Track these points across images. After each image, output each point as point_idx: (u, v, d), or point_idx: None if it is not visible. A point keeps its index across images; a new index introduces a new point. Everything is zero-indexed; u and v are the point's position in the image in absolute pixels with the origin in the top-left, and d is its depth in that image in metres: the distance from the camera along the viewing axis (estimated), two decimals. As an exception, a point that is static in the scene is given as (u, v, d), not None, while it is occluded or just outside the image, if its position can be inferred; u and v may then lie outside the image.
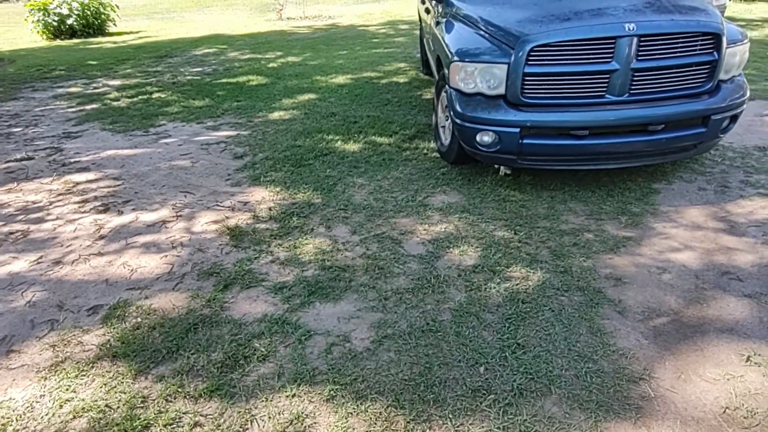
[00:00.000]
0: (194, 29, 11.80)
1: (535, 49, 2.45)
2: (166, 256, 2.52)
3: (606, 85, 2.50)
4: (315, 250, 2.49)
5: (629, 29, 2.37)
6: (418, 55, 7.04)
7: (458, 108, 2.77)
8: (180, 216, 2.90)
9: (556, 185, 3.00)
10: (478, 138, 2.74)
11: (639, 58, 2.43)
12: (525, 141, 2.61)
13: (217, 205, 3.00)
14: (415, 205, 2.86)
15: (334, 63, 6.96)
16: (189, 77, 6.62)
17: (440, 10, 3.47)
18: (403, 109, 4.71)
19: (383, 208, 2.84)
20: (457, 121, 2.80)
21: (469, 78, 2.70)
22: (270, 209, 2.91)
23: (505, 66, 2.55)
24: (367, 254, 2.43)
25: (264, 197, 3.07)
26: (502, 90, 2.62)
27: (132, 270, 2.42)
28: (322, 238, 2.58)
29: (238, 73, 6.60)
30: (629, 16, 2.44)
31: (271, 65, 7.05)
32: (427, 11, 4.15)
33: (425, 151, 3.65)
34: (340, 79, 5.98)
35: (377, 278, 2.25)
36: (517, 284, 2.16)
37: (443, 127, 3.51)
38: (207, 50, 8.69)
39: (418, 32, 8.87)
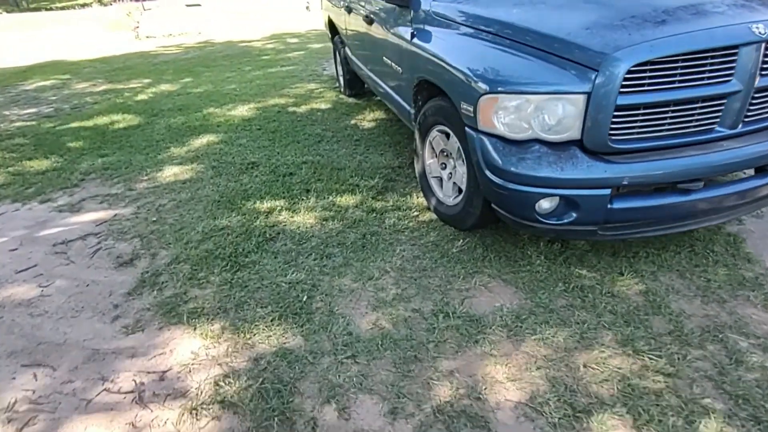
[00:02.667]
0: (20, 56, 9.24)
1: (635, 68, 1.56)
2: None
3: (719, 113, 1.72)
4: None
5: (759, 33, 1.59)
6: (327, 72, 5.94)
7: (500, 163, 1.79)
8: None
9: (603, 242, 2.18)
10: (539, 207, 1.79)
11: (763, 72, 1.68)
12: (615, 205, 1.72)
13: (106, 392, 1.61)
14: (460, 325, 1.80)
15: (225, 89, 5.55)
16: (19, 123, 4.72)
17: (411, 14, 2.45)
18: (345, 146, 3.60)
19: (412, 344, 1.72)
20: (498, 181, 1.81)
21: (519, 117, 1.73)
22: (217, 385, 1.61)
23: (583, 97, 1.62)
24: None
25: (195, 354, 1.75)
26: (575, 133, 1.70)
27: None
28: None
29: (94, 113, 4.87)
30: (742, 14, 1.68)
31: (139, 98, 5.39)
32: (369, 19, 3.12)
33: (414, 211, 2.60)
34: (242, 111, 4.64)
35: None
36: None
37: (436, 178, 2.51)
38: (43, 82, 6.60)
39: (320, 46, 7.79)
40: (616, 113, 1.63)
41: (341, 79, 4.95)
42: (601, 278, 1.99)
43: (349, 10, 3.72)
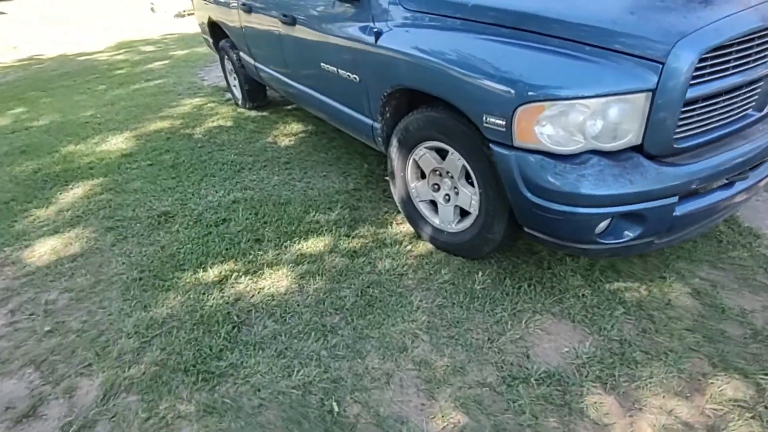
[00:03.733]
0: None
1: (707, 54, 1.33)
2: None
3: (756, 97, 1.59)
4: None
5: (795, 6, 1.48)
6: (209, 83, 5.09)
7: (552, 184, 1.45)
8: None
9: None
10: (599, 228, 1.50)
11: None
12: (678, 211, 1.51)
13: None
14: (547, 393, 1.43)
15: (81, 117, 4.42)
16: None
17: (370, 11, 1.97)
18: (276, 173, 2.99)
19: None
20: (549, 205, 1.49)
21: (570, 127, 1.41)
22: None
23: (647, 95, 1.35)
24: None
25: None
26: (635, 138, 1.43)
27: None
28: None
29: None
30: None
31: (-44, 144, 4.01)
32: (289, 19, 2.54)
33: (405, 245, 2.16)
34: (117, 143, 3.69)
35: None
36: None
37: (427, 202, 2.11)
38: None
39: (185, 52, 6.87)
40: (683, 109, 1.39)
41: (236, 90, 4.22)
42: (648, 289, 1.80)
43: (249, 9, 3.07)
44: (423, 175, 2.10)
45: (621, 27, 1.40)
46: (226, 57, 4.08)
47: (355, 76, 2.15)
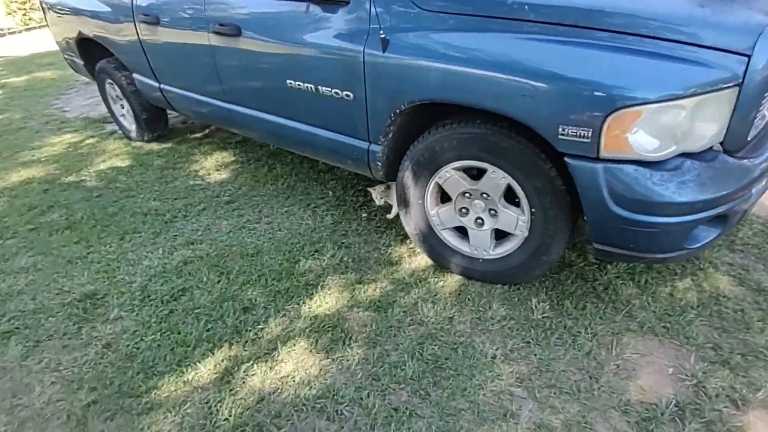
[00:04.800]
0: None
1: (783, 45, 1.29)
2: None
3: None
4: None
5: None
6: (72, 113, 4.11)
7: (653, 195, 1.29)
8: None
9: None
10: (694, 234, 1.40)
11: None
12: (747, 205, 1.48)
13: None
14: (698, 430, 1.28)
15: None
16: None
17: (368, 14, 1.62)
18: (224, 216, 2.45)
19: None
20: (646, 219, 1.33)
21: (667, 130, 1.27)
22: None
23: (735, 90, 1.27)
24: None
25: None
26: (719, 135, 1.34)
27: None
28: None
29: None
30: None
31: None
32: (233, 30, 2.05)
33: (431, 280, 1.84)
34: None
35: None
36: None
37: (452, 229, 1.83)
38: None
39: (24, 78, 5.80)
40: (762, 101, 1.35)
41: (126, 120, 3.44)
42: (700, 285, 1.76)
43: (155, 21, 2.45)
44: (443, 200, 1.83)
45: (699, 20, 1.30)
46: (108, 81, 3.29)
47: (347, 93, 1.78)
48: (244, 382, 1.48)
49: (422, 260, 1.98)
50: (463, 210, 1.78)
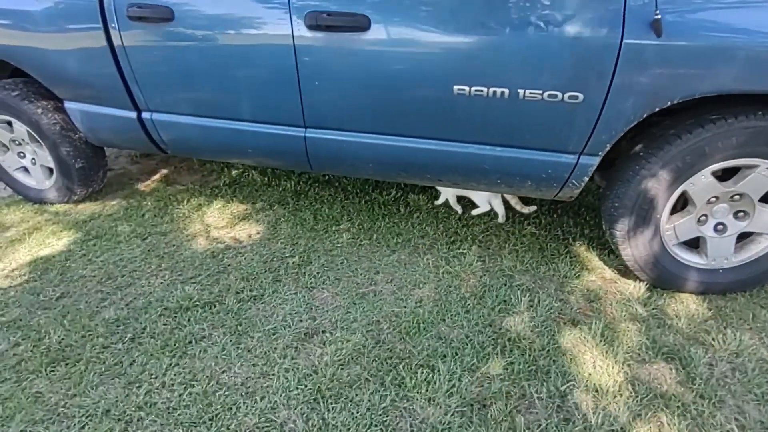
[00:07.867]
0: None
1: None
2: None
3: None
4: None
5: None
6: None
7: None
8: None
9: None
10: None
11: None
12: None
13: None
14: None
15: None
16: None
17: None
18: (299, 292, 1.74)
19: None
20: None
21: None
22: None
23: None
24: None
25: None
26: None
27: None
28: None
29: None
30: None
31: None
32: (358, 23, 1.38)
33: (698, 314, 1.55)
34: None
35: None
36: None
37: (682, 244, 1.56)
38: None
39: None
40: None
41: (25, 176, 2.30)
42: None
43: (168, 17, 1.57)
44: (674, 210, 1.55)
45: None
46: (3, 115, 2.09)
47: (572, 94, 1.35)
48: None
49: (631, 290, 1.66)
50: (702, 218, 1.53)
